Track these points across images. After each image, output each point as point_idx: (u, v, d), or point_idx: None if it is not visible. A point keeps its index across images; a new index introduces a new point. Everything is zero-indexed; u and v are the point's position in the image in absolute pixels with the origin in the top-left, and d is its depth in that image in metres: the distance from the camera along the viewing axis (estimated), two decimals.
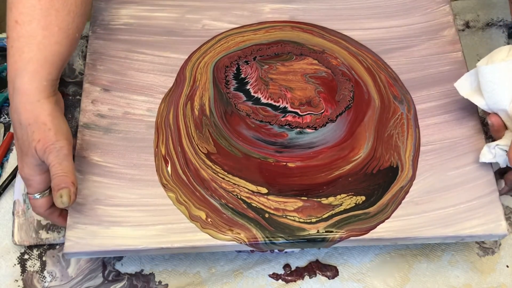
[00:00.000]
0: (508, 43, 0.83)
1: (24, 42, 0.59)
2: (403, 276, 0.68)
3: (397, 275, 0.68)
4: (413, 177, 0.64)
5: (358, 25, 0.74)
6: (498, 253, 0.70)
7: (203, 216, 0.62)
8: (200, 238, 0.61)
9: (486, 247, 0.70)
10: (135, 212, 0.62)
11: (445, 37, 0.73)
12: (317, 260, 0.69)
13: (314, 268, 0.69)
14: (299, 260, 0.69)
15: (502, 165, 0.64)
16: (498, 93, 0.62)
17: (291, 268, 0.69)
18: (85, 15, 0.63)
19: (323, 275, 0.68)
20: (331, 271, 0.68)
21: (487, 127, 0.67)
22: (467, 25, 0.85)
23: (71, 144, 0.61)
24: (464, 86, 0.65)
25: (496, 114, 0.64)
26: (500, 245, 0.70)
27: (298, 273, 0.68)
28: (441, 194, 0.63)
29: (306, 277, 0.68)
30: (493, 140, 0.64)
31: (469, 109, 0.68)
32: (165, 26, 0.74)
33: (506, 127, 0.64)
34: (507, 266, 0.69)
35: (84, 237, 0.61)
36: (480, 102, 0.64)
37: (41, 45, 0.60)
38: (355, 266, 0.69)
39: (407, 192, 0.63)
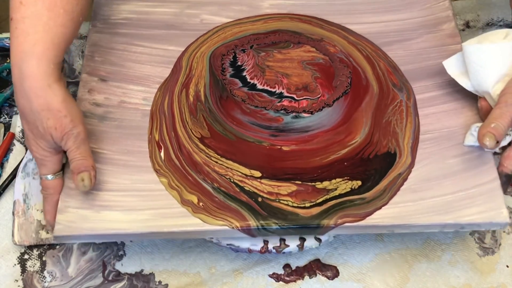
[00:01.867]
0: None
1: (29, 24, 0.58)
2: (403, 276, 0.66)
3: (397, 275, 0.66)
4: (412, 164, 0.62)
5: (356, 19, 0.74)
6: (498, 253, 0.68)
7: (195, 200, 0.60)
8: (191, 223, 0.59)
9: (486, 247, 0.68)
10: (127, 197, 0.61)
11: (444, 30, 0.72)
12: (317, 260, 0.67)
13: (314, 268, 0.67)
14: (299, 260, 0.67)
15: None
16: (482, 75, 0.61)
17: (291, 268, 0.67)
18: (88, 0, 0.63)
19: (323, 275, 0.66)
20: (331, 271, 0.67)
21: None
22: (467, 25, 0.84)
23: (85, 128, 0.61)
24: (452, 66, 0.65)
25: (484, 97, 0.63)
26: (500, 245, 0.68)
27: (298, 273, 0.67)
28: (440, 181, 0.61)
29: (306, 277, 0.66)
30: None
31: (468, 99, 0.66)
32: (164, 21, 0.74)
33: None
34: (507, 266, 0.67)
35: (74, 221, 0.60)
36: (466, 83, 0.63)
37: (47, 27, 0.58)
38: (355, 266, 0.67)
39: (405, 179, 0.61)
